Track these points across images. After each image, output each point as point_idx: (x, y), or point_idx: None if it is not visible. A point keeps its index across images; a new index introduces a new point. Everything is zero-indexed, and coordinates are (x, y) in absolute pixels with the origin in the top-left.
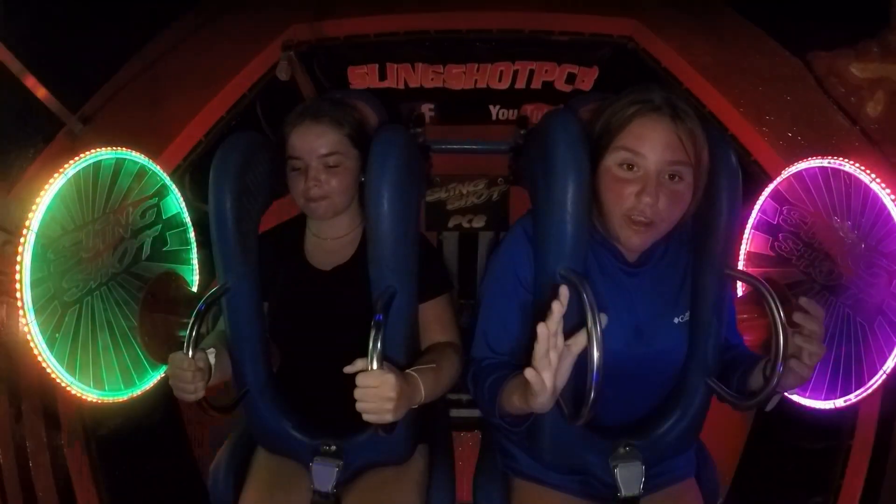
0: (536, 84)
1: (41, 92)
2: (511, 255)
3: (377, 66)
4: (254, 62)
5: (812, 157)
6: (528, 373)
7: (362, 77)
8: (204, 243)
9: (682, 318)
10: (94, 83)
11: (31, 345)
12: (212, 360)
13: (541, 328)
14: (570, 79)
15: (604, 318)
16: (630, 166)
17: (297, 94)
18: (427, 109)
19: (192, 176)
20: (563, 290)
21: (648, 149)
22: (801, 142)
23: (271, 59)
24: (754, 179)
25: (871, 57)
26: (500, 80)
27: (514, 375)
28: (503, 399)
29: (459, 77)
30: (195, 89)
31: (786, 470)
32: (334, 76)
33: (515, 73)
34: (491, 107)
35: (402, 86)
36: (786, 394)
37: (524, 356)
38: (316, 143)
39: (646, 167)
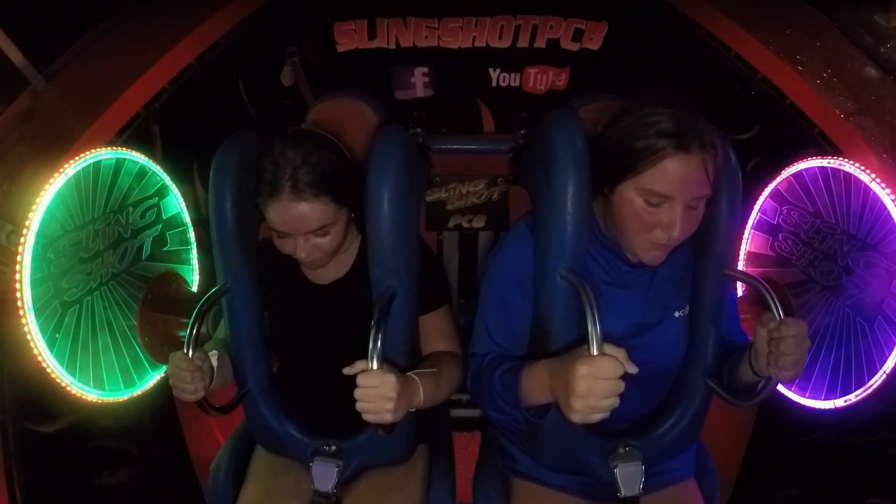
0: (540, 42)
1: (11, 51)
2: (514, 249)
3: (366, 21)
4: (223, 10)
5: (813, 155)
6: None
7: (349, 35)
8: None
9: (682, 313)
10: (62, 47)
11: (31, 345)
12: (214, 362)
13: None
14: (577, 36)
15: (633, 369)
16: (657, 203)
17: (279, 71)
18: (421, 75)
19: (163, 129)
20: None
21: (678, 192)
22: (838, 84)
23: (244, 7)
24: (790, 125)
25: None
26: (500, 38)
27: (528, 367)
28: (524, 392)
29: (456, 33)
30: (160, 39)
31: (792, 468)
32: (321, 38)
33: (517, 28)
34: (491, 70)
35: (393, 45)
36: (786, 394)
37: (527, 352)
38: (301, 223)
39: (673, 205)
